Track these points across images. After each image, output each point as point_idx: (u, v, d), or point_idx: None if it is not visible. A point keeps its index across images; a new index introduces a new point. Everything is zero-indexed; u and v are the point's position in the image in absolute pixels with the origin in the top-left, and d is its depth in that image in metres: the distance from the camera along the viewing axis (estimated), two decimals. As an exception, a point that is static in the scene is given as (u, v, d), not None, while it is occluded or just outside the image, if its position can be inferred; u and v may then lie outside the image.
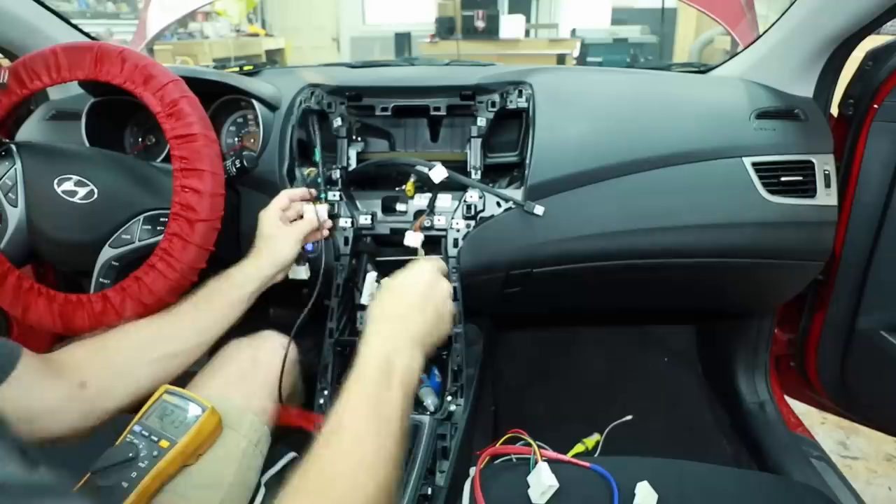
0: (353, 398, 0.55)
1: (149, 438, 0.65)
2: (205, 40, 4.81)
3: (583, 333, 1.67)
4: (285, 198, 0.93)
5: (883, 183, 0.99)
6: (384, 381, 0.57)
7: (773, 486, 0.86)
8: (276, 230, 0.89)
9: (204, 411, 0.67)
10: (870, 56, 1.00)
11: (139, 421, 0.67)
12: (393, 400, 0.56)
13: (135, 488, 0.60)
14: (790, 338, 1.25)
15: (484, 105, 1.06)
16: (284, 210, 0.92)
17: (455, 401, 0.95)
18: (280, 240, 0.88)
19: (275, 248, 0.87)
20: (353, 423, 0.53)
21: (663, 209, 1.00)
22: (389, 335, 0.62)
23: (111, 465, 0.61)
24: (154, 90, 0.81)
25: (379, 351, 0.59)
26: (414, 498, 0.78)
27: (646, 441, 1.39)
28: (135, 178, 0.89)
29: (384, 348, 0.60)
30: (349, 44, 6.70)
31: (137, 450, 0.63)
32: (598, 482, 0.79)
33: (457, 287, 1.00)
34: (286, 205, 0.93)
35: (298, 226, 0.92)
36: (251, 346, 0.85)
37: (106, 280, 0.84)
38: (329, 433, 0.53)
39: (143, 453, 0.63)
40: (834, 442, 1.68)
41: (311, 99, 1.09)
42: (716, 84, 1.17)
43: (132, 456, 0.62)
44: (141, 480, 0.61)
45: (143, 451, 0.63)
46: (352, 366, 0.58)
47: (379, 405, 0.55)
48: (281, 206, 0.92)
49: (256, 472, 0.75)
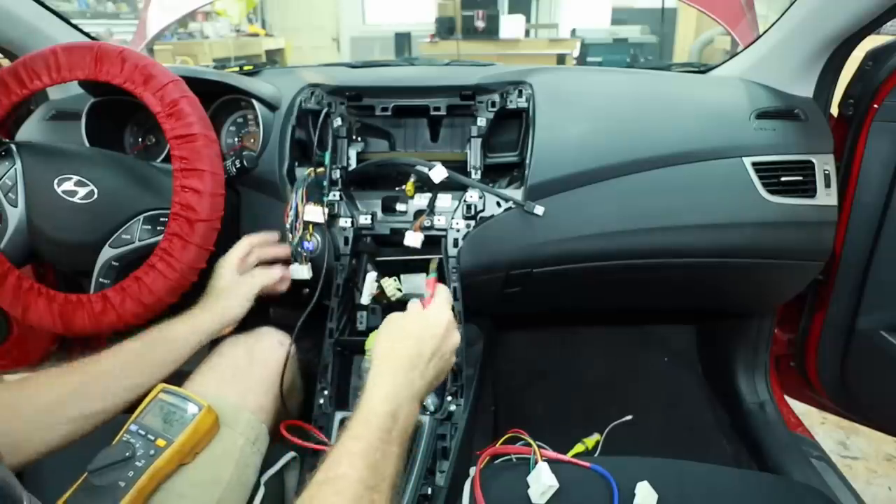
0: (354, 448, 0.55)
1: (145, 437, 0.65)
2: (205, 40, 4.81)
3: (583, 333, 1.67)
4: (246, 244, 0.87)
5: (883, 183, 0.99)
6: (386, 436, 0.57)
7: (773, 486, 0.86)
8: (228, 283, 0.83)
9: (200, 410, 0.67)
10: (870, 56, 1.00)
11: (135, 420, 0.67)
12: (391, 456, 0.56)
13: (132, 487, 0.60)
14: (790, 338, 1.25)
15: (484, 105, 1.06)
16: (243, 258, 0.87)
17: (455, 401, 0.95)
18: (230, 295, 0.82)
19: (223, 304, 0.81)
20: (351, 472, 0.53)
21: (663, 209, 1.00)
22: (398, 389, 0.61)
23: (107, 465, 0.61)
24: (154, 90, 0.81)
25: (385, 404, 0.59)
26: (414, 498, 0.78)
27: (646, 441, 1.39)
28: (135, 178, 0.89)
29: (391, 404, 0.59)
30: (349, 44, 6.70)
31: (134, 449, 0.63)
32: (598, 482, 0.79)
33: (457, 287, 1.00)
34: (246, 252, 0.87)
35: (253, 281, 0.85)
36: (248, 343, 0.85)
37: (106, 280, 0.84)
38: (326, 479, 0.52)
39: (140, 452, 0.63)
40: (834, 442, 1.68)
41: (311, 99, 1.09)
42: (716, 84, 1.17)
43: (129, 455, 0.62)
44: (138, 479, 0.61)
45: (140, 450, 0.63)
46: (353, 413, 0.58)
47: (379, 460, 0.55)
48: (239, 255, 0.86)
49: (255, 471, 0.75)
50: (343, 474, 0.52)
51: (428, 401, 0.95)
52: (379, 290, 0.98)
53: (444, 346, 0.68)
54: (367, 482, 0.52)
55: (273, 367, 0.83)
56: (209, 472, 0.69)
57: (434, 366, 0.67)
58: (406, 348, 0.65)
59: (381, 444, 0.56)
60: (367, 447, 0.55)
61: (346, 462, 0.53)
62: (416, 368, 0.64)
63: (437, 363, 0.67)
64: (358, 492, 0.52)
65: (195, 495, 0.67)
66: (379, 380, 0.61)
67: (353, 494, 0.51)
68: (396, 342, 0.66)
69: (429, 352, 0.66)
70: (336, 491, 0.51)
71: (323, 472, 0.53)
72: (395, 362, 0.63)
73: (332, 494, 0.51)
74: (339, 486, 0.52)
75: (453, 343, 0.71)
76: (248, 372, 0.80)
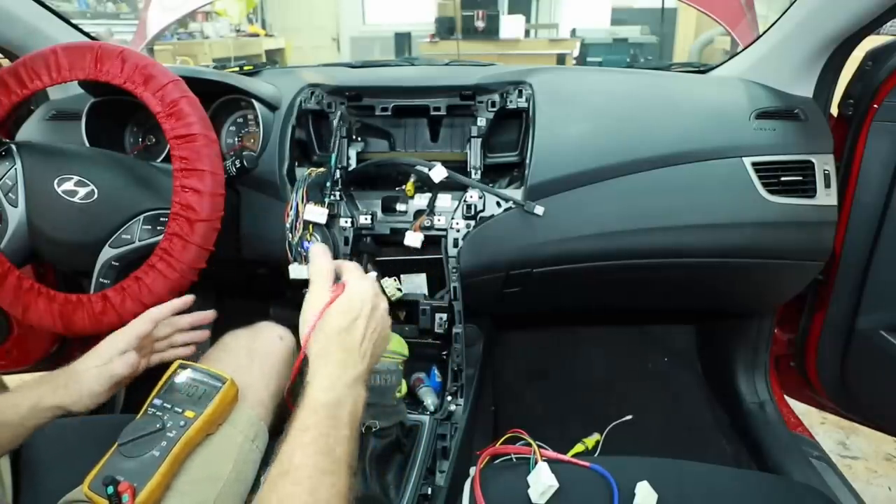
0: (305, 438, 0.55)
1: (172, 410, 0.67)
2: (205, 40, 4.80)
3: (583, 333, 1.67)
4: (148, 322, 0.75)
5: (883, 183, 0.99)
6: (334, 422, 0.57)
7: (773, 486, 0.86)
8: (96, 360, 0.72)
9: (224, 382, 0.71)
10: (870, 56, 1.00)
11: (158, 395, 0.69)
12: (343, 439, 0.56)
13: (167, 456, 0.63)
14: (790, 338, 1.25)
15: (484, 105, 1.06)
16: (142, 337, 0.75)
17: (455, 401, 0.95)
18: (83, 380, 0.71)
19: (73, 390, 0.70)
20: (306, 461, 0.53)
21: (663, 209, 1.00)
22: (337, 377, 0.60)
23: (139, 437, 0.64)
24: (154, 90, 0.82)
25: (326, 394, 0.58)
26: (414, 498, 0.78)
27: (646, 441, 1.39)
28: (135, 178, 0.89)
29: (332, 392, 0.59)
30: (349, 44, 6.70)
31: (163, 421, 0.66)
32: (598, 482, 0.79)
33: (456, 287, 1.00)
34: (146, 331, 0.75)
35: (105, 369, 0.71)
36: (247, 337, 0.85)
37: (106, 280, 0.84)
38: (281, 472, 0.52)
39: (170, 424, 0.66)
40: (834, 442, 1.67)
41: (311, 99, 1.09)
42: (716, 84, 1.17)
43: (159, 427, 0.65)
44: (172, 448, 0.64)
45: (170, 422, 0.66)
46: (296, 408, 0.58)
47: (331, 445, 0.55)
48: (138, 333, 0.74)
49: (254, 468, 0.75)
50: (298, 464, 0.53)
51: (428, 401, 0.95)
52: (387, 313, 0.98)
53: (373, 319, 0.66)
54: (322, 468, 0.53)
55: (273, 363, 0.83)
56: (208, 469, 0.69)
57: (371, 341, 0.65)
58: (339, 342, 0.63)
59: (331, 430, 0.56)
60: (317, 435, 0.55)
61: (299, 453, 0.54)
62: (351, 355, 0.63)
63: (372, 336, 0.66)
64: (315, 479, 0.52)
65: (194, 492, 0.67)
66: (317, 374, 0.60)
67: (311, 482, 0.52)
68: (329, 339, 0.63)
69: (360, 334, 0.64)
70: (294, 481, 0.52)
71: (277, 467, 0.53)
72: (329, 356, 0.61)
73: (290, 485, 0.51)
74: (296, 476, 0.52)
75: (383, 310, 0.69)
76: (248, 367, 0.80)
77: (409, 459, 0.84)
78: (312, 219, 0.98)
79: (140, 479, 0.61)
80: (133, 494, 0.59)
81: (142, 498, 0.60)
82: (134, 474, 0.61)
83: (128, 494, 0.59)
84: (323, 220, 0.98)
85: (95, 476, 0.62)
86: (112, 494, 0.59)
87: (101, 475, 0.61)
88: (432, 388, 0.98)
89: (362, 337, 0.65)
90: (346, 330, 0.64)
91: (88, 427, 0.78)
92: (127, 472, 0.61)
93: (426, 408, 0.94)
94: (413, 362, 0.95)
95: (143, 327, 0.75)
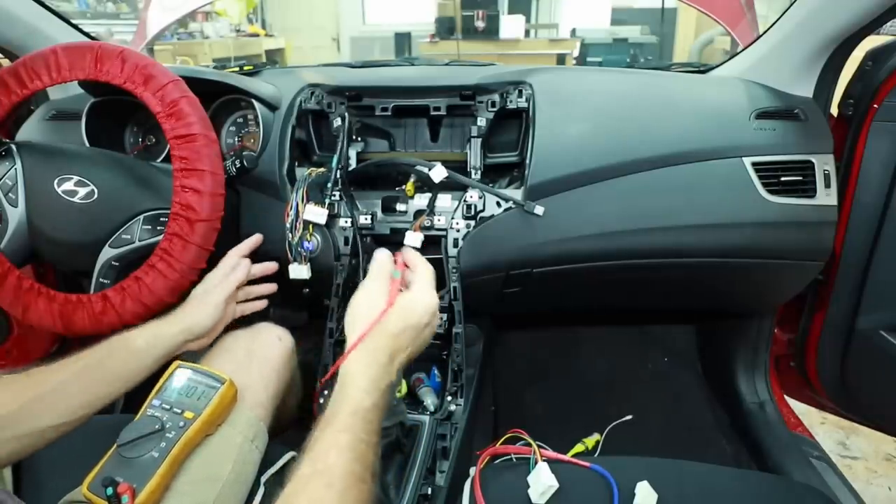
0: (342, 440, 0.53)
1: (171, 411, 0.67)
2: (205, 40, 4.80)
3: (583, 333, 1.67)
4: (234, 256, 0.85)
5: (883, 183, 0.99)
6: (370, 427, 0.56)
7: (773, 486, 0.86)
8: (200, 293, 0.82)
9: (223, 383, 0.71)
10: (870, 56, 1.00)
11: (157, 396, 0.69)
12: (373, 445, 0.55)
13: (167, 457, 0.63)
14: (790, 338, 1.25)
15: (484, 105, 1.06)
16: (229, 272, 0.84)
17: (455, 401, 0.95)
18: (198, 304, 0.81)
19: (189, 313, 0.80)
20: (340, 464, 0.52)
21: (663, 209, 1.00)
22: (378, 381, 0.59)
23: (138, 438, 0.64)
24: (154, 90, 0.81)
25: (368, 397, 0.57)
26: (414, 498, 0.78)
27: (646, 441, 1.39)
28: (135, 178, 0.89)
29: (373, 396, 0.57)
30: (349, 44, 6.70)
31: (162, 422, 0.66)
32: (598, 482, 0.80)
33: (456, 287, 1.00)
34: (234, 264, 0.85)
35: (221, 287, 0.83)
36: (246, 339, 0.85)
37: (106, 280, 0.84)
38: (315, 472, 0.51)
39: (169, 424, 0.66)
40: (834, 442, 1.68)
41: (311, 99, 1.09)
42: (716, 84, 1.17)
43: (158, 428, 0.65)
44: (171, 449, 0.64)
45: (169, 422, 0.66)
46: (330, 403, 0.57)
47: (364, 451, 0.54)
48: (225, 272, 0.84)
49: (253, 469, 0.75)
50: (332, 465, 0.51)
51: (428, 401, 0.95)
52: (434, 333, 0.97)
53: (422, 335, 0.65)
54: (356, 474, 0.51)
55: (272, 364, 0.83)
56: (207, 470, 0.69)
57: (409, 354, 0.64)
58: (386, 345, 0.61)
59: (366, 436, 0.55)
60: (354, 439, 0.53)
61: (334, 453, 0.52)
62: (393, 361, 0.61)
63: (412, 350, 0.65)
64: (347, 483, 0.50)
65: (193, 493, 0.67)
66: (360, 374, 0.58)
67: (343, 486, 0.50)
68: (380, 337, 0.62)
69: (406, 343, 0.63)
70: (328, 483, 0.50)
71: (309, 465, 0.52)
72: (376, 359, 0.60)
73: (323, 487, 0.50)
74: (330, 478, 0.50)
75: (433, 328, 0.67)
76: (247, 368, 0.80)
77: (409, 459, 0.84)
78: (312, 219, 0.98)
79: (139, 480, 0.61)
80: (132, 495, 0.59)
81: (141, 499, 0.60)
82: (133, 475, 0.61)
83: (127, 495, 0.59)
84: (323, 220, 0.98)
85: (94, 477, 0.62)
86: (111, 495, 0.59)
87: (101, 476, 0.61)
88: (432, 388, 0.98)
89: (407, 347, 0.63)
90: (397, 336, 0.62)
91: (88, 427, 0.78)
92: (126, 473, 0.61)
93: (426, 408, 0.94)
94: (413, 362, 0.94)
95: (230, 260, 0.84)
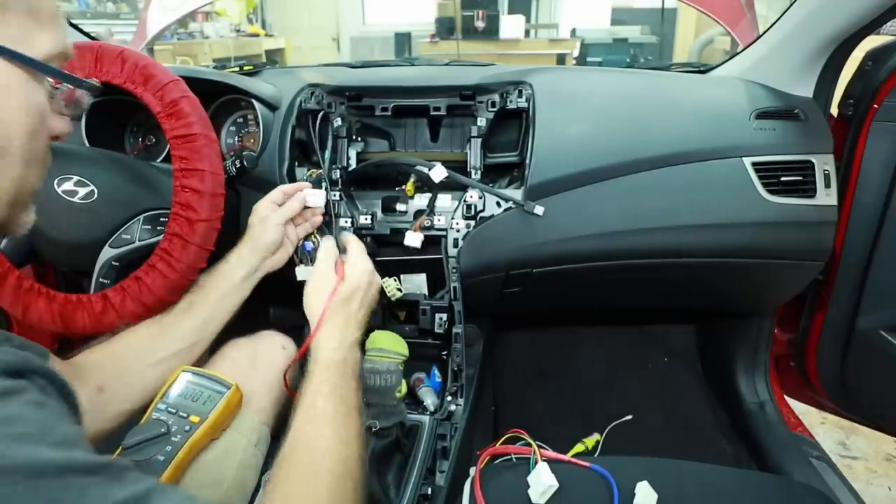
0: (324, 389, 0.67)
1: (177, 415, 0.67)
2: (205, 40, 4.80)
3: (583, 333, 1.67)
4: (279, 192, 0.93)
5: (883, 183, 0.99)
6: (344, 376, 0.70)
7: (773, 486, 0.86)
8: (257, 219, 0.89)
9: (229, 388, 0.71)
10: (870, 56, 1.00)
11: (162, 399, 0.69)
12: (352, 389, 0.69)
13: (172, 460, 0.63)
14: (790, 338, 1.26)
15: (484, 105, 1.06)
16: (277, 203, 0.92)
17: (455, 401, 0.95)
18: (259, 226, 0.88)
19: (254, 235, 0.87)
20: (327, 406, 0.65)
21: (663, 209, 1.00)
22: (342, 340, 0.73)
23: (144, 441, 0.64)
24: (154, 90, 0.81)
25: (337, 354, 0.71)
26: (414, 498, 0.78)
27: (645, 441, 1.39)
28: (135, 178, 0.89)
29: (340, 352, 0.72)
30: (349, 44, 6.70)
31: (168, 426, 0.66)
32: (598, 482, 0.80)
33: (456, 287, 1.00)
34: (279, 199, 0.92)
35: (280, 210, 0.90)
36: (250, 346, 0.85)
37: (106, 280, 0.84)
38: (309, 419, 0.63)
39: (175, 428, 0.66)
40: (834, 442, 1.67)
41: (311, 99, 1.09)
42: (716, 84, 1.17)
43: (164, 431, 0.65)
44: (177, 453, 0.64)
45: (175, 426, 0.66)
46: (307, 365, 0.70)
47: (345, 394, 0.68)
48: (273, 199, 0.91)
49: (256, 473, 0.75)
50: (321, 409, 0.64)
51: (428, 401, 0.95)
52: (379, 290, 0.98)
53: (368, 293, 0.81)
54: (342, 412, 0.65)
55: (275, 372, 0.84)
56: (212, 474, 0.69)
57: (364, 311, 0.79)
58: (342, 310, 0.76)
59: (344, 382, 0.69)
60: (333, 386, 0.67)
61: (321, 400, 0.65)
62: (350, 321, 0.76)
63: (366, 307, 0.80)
64: (338, 420, 0.64)
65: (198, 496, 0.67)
66: (325, 338, 0.73)
67: (336, 423, 0.63)
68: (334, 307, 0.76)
69: (357, 304, 0.78)
70: (323, 421, 0.63)
71: (303, 414, 0.64)
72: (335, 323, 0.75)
73: (321, 424, 0.63)
74: (324, 418, 0.63)
75: (375, 285, 0.84)
76: (251, 374, 0.81)
77: (409, 459, 0.84)
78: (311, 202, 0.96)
79: None
80: (137, 498, 0.59)
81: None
82: None
83: (132, 498, 0.59)
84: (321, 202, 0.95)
85: None
86: (117, 498, 0.59)
87: None
88: (432, 388, 0.98)
89: (359, 306, 0.79)
90: (348, 300, 0.77)
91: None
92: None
93: (426, 408, 0.94)
94: (413, 362, 0.95)
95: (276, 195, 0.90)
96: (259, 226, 0.88)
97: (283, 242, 0.90)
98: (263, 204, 0.91)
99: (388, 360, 0.87)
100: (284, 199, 0.92)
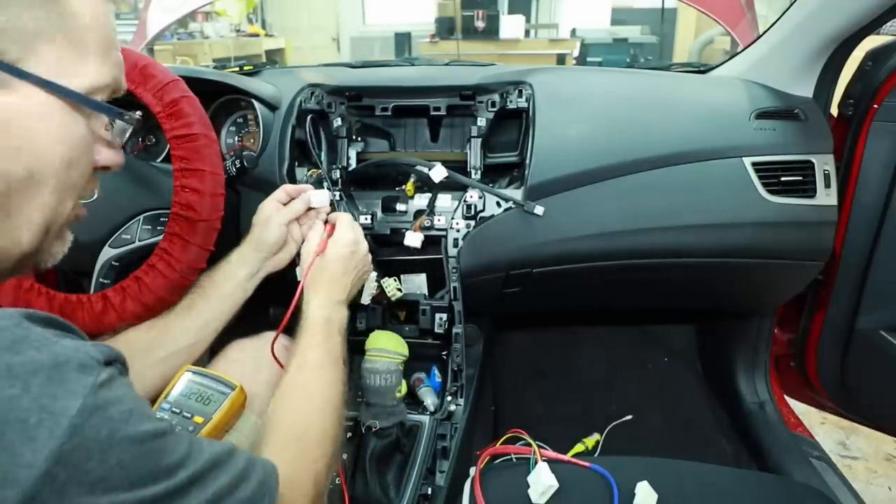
0: (313, 341, 0.74)
1: (180, 415, 0.67)
2: (205, 40, 4.80)
3: (583, 333, 1.67)
4: (283, 192, 0.93)
5: (883, 183, 0.99)
6: (329, 332, 0.76)
7: (773, 486, 0.86)
8: (261, 218, 0.89)
9: (233, 389, 0.71)
10: (870, 56, 1.00)
11: (166, 399, 0.69)
12: (337, 343, 0.76)
13: None
14: (790, 338, 1.26)
15: (484, 105, 1.06)
16: (281, 203, 0.92)
17: (455, 401, 0.95)
18: (262, 225, 0.89)
19: (257, 234, 0.88)
20: (316, 356, 0.72)
21: (663, 209, 1.00)
22: (327, 300, 0.79)
23: None
24: (154, 90, 0.81)
25: (321, 312, 0.77)
26: (414, 498, 0.78)
27: (645, 441, 1.39)
28: (135, 178, 0.89)
29: (325, 311, 0.78)
30: (349, 44, 6.70)
31: (171, 426, 0.65)
32: (598, 482, 0.80)
33: (456, 287, 1.00)
34: (284, 199, 0.92)
35: (284, 210, 0.91)
36: (253, 347, 0.85)
37: (106, 280, 0.84)
38: (301, 365, 0.71)
39: (178, 429, 0.64)
40: (834, 442, 1.67)
41: (311, 99, 1.09)
42: (716, 84, 1.17)
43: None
44: None
45: (178, 426, 0.65)
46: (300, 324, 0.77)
47: (331, 347, 0.74)
48: (277, 199, 0.92)
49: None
50: (312, 358, 0.72)
51: (428, 401, 0.95)
52: (379, 290, 0.98)
53: (353, 258, 0.85)
54: (328, 362, 0.72)
55: (278, 372, 0.84)
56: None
57: (350, 276, 0.84)
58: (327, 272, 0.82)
59: (328, 337, 0.75)
60: (321, 339, 0.74)
61: (311, 352, 0.72)
62: (335, 284, 0.82)
63: (353, 272, 0.85)
64: (326, 368, 0.71)
65: None
66: (312, 298, 0.79)
67: (324, 370, 0.71)
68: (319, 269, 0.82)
69: (342, 268, 0.83)
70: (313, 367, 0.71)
71: (296, 360, 0.71)
72: (320, 284, 0.81)
73: (314, 368, 0.71)
74: (314, 365, 0.71)
75: (363, 249, 0.87)
76: (254, 377, 0.81)
77: (409, 459, 0.84)
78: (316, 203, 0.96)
79: None
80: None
81: (148, 501, 0.60)
82: None
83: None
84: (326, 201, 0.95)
85: None
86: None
87: None
88: (432, 388, 0.98)
89: (343, 271, 0.83)
90: (332, 263, 0.82)
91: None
92: None
93: (426, 408, 0.94)
94: (413, 362, 0.95)
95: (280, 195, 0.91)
96: (262, 225, 0.88)
97: (287, 242, 0.90)
98: (268, 203, 0.91)
99: (388, 360, 0.87)
100: (288, 199, 0.92)
